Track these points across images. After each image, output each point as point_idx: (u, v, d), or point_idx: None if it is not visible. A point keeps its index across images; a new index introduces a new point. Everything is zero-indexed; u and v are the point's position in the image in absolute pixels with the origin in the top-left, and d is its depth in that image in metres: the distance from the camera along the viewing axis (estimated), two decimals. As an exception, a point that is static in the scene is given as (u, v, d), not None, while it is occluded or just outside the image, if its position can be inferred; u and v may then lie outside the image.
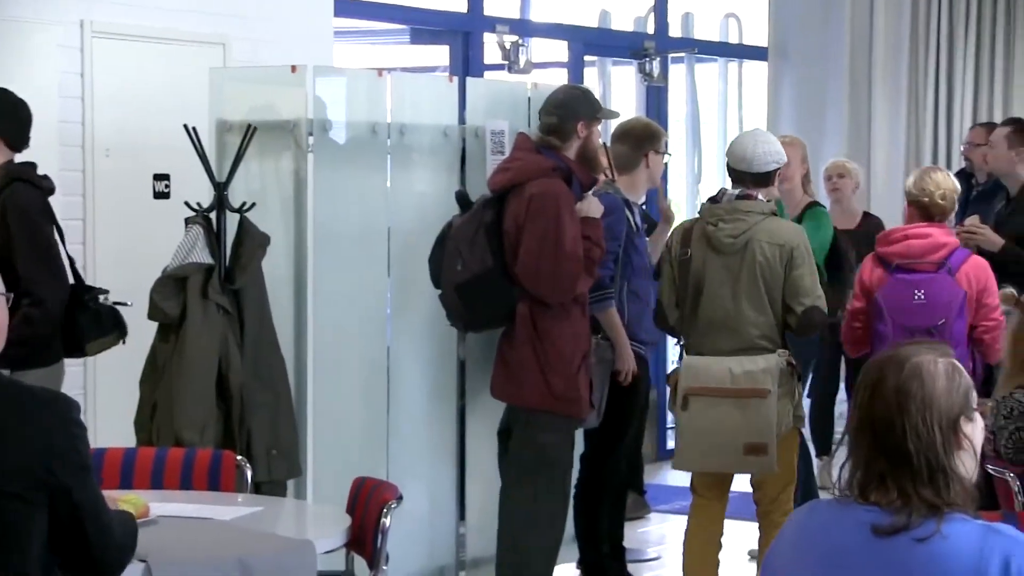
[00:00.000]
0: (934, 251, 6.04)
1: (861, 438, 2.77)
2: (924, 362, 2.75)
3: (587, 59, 10.29)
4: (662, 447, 10.58)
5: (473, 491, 6.68)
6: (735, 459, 5.80)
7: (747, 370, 5.76)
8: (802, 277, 5.81)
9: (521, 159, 6.04)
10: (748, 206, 5.88)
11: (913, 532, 2.68)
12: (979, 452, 2.80)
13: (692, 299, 5.94)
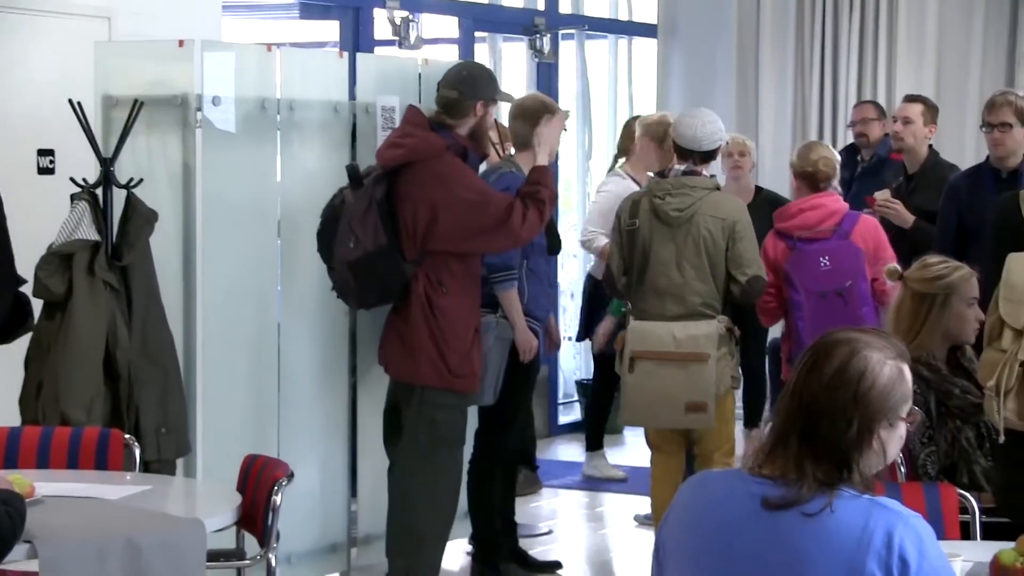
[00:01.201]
0: (828, 218, 6.72)
1: (788, 408, 2.80)
2: (875, 359, 2.76)
3: (478, 35, 10.28)
4: (554, 423, 10.63)
5: (365, 468, 6.67)
6: (677, 416, 6.24)
7: (690, 335, 6.22)
8: (745, 249, 6.29)
9: (414, 135, 6.03)
10: (694, 181, 6.35)
11: (803, 507, 2.71)
12: (890, 456, 2.81)
13: (639, 267, 6.36)
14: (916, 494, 4.34)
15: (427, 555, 6.16)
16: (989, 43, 10.03)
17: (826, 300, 6.58)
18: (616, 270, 6.50)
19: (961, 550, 3.60)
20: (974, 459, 4.99)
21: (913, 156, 7.89)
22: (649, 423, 6.53)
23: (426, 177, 5.91)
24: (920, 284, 5.10)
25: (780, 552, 2.73)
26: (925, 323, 5.06)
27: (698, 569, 2.83)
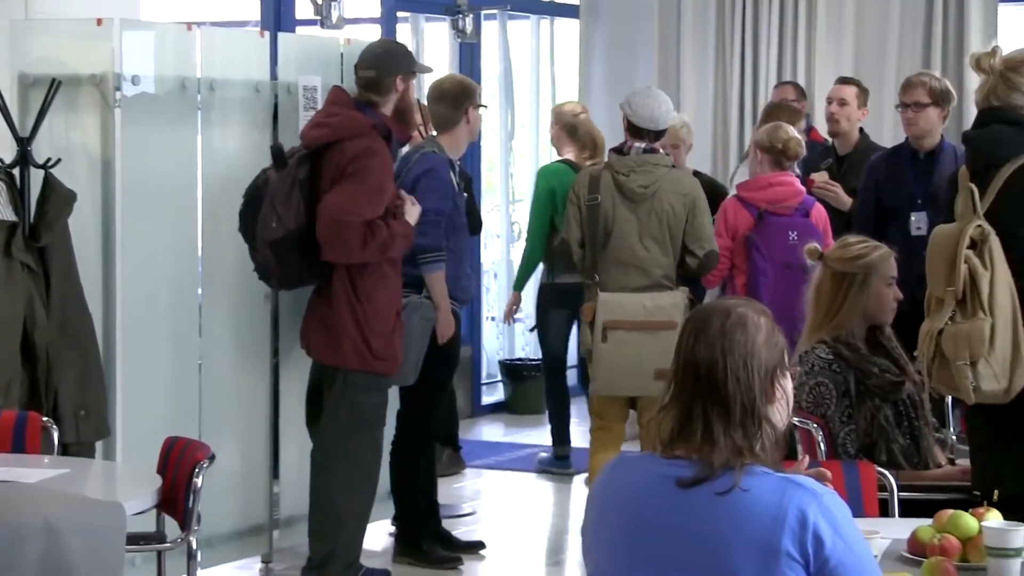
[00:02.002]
0: (794, 197, 7.13)
1: (684, 379, 2.83)
2: (749, 314, 2.83)
3: (400, 15, 10.25)
4: (477, 403, 10.64)
5: (287, 449, 6.65)
6: (646, 383, 6.36)
7: (658, 304, 6.46)
8: (703, 224, 6.58)
9: (339, 115, 6.01)
10: (655, 159, 6.60)
11: (714, 484, 2.73)
12: (790, 406, 2.87)
13: (601, 241, 6.55)
14: (836, 472, 4.36)
15: (348, 536, 6.15)
16: (906, 26, 10.10)
17: (790, 271, 6.85)
18: (574, 243, 6.66)
19: (880, 527, 3.63)
20: (893, 437, 5.04)
21: (845, 138, 7.96)
22: (622, 391, 6.67)
23: (347, 156, 5.89)
24: (839, 264, 5.14)
25: (696, 532, 2.75)
26: (844, 302, 5.10)
27: (617, 553, 2.84)
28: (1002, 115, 4.46)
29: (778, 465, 2.79)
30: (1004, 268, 4.33)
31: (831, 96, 8.05)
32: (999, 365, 4.33)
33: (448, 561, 6.83)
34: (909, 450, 5.08)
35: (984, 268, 4.32)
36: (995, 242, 4.34)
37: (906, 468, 4.99)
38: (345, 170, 5.87)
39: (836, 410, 5.03)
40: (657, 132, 6.65)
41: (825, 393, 5.03)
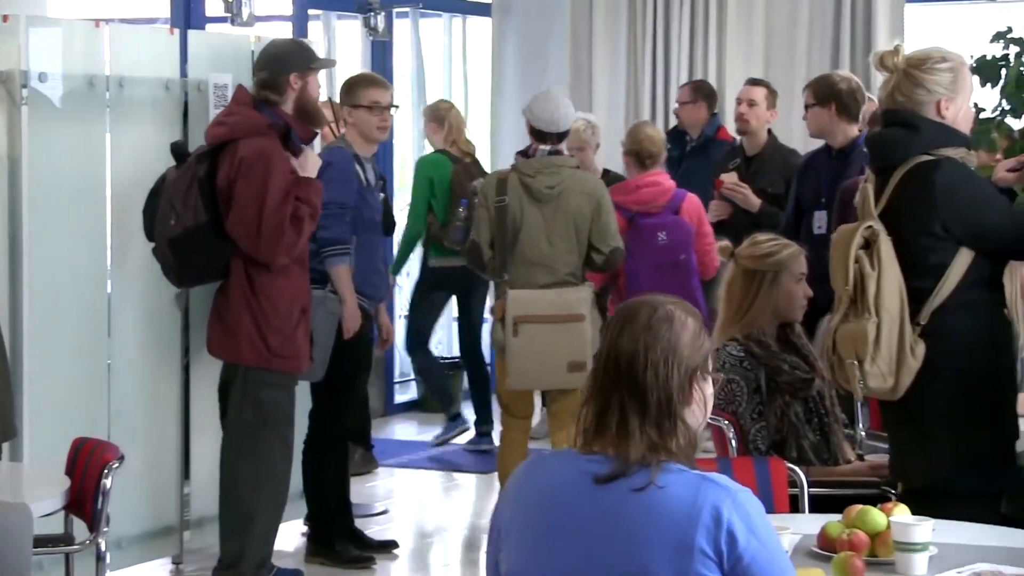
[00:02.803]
0: (663, 195, 7.39)
1: (605, 370, 2.83)
2: (677, 312, 2.84)
3: (311, 13, 10.20)
4: (389, 402, 10.62)
5: (198, 449, 6.60)
6: (560, 376, 6.62)
7: (565, 299, 6.63)
8: (608, 223, 6.73)
9: (237, 113, 6.01)
10: (560, 160, 6.76)
11: (630, 480, 2.74)
12: (708, 411, 2.88)
13: (510, 241, 6.68)
14: (747, 469, 4.42)
15: (259, 536, 6.12)
16: (815, 26, 10.19)
17: (663, 271, 7.23)
18: (484, 244, 6.75)
19: (790, 523, 3.66)
20: (803, 434, 5.08)
21: (754, 138, 8.02)
22: (535, 384, 6.91)
23: (237, 155, 5.88)
24: (750, 261, 5.18)
25: (612, 529, 2.75)
26: (755, 300, 5.14)
27: (533, 550, 2.84)
28: (898, 116, 4.52)
29: (692, 463, 2.80)
30: (893, 269, 4.39)
31: (740, 97, 8.12)
32: (885, 364, 4.39)
33: (361, 560, 6.82)
34: (819, 446, 5.12)
35: (871, 269, 4.39)
36: (885, 243, 4.40)
37: (816, 464, 5.03)
38: (239, 171, 5.85)
39: (747, 407, 5.07)
40: (559, 134, 6.77)
41: (736, 390, 5.07)
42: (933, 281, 4.41)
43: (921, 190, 4.41)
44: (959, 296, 4.41)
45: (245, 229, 5.85)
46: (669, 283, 7.04)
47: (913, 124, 4.47)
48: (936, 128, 4.46)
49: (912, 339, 4.39)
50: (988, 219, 4.41)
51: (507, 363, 6.70)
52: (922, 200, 4.40)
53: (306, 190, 5.97)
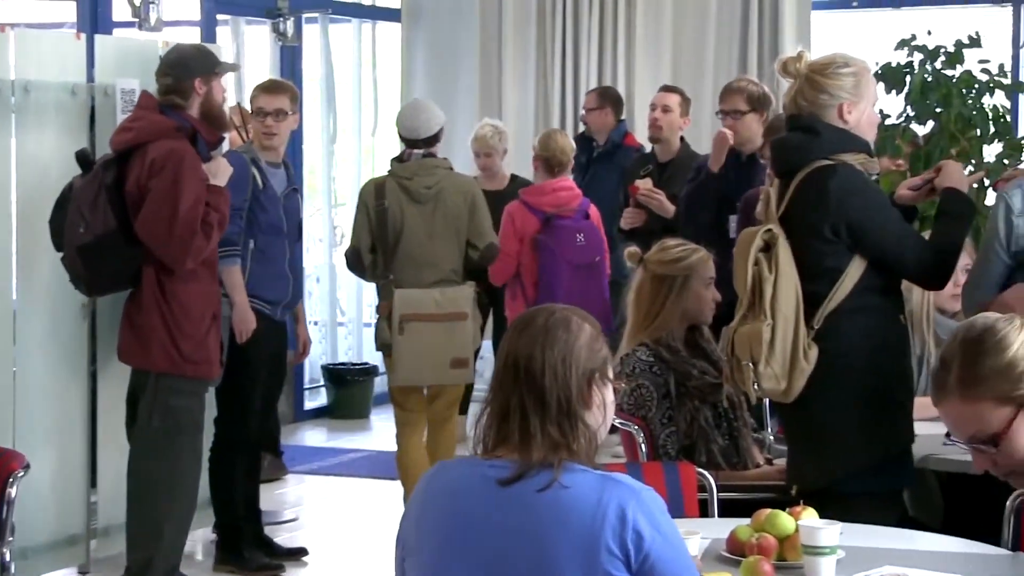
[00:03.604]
0: (575, 199, 7.63)
1: (504, 373, 2.84)
2: (573, 317, 2.87)
3: (220, 18, 10.14)
4: (299, 408, 10.57)
5: (105, 458, 6.54)
6: (444, 372, 6.87)
7: (449, 297, 6.84)
8: (483, 219, 6.93)
9: (143, 118, 5.97)
10: (434, 163, 6.98)
11: (534, 481, 2.75)
12: (609, 416, 2.89)
13: (393, 242, 6.85)
14: (656, 474, 4.43)
15: (167, 544, 6.07)
16: (722, 33, 10.28)
17: (579, 271, 7.49)
18: (364, 248, 6.90)
19: (699, 527, 3.68)
20: (712, 438, 5.11)
21: (667, 145, 8.04)
22: (420, 380, 7.02)
23: (147, 159, 5.84)
24: (659, 266, 5.21)
25: (518, 530, 2.76)
26: (664, 305, 5.17)
27: (441, 558, 2.84)
28: (800, 121, 4.58)
29: (594, 463, 2.81)
30: (790, 272, 4.45)
31: (655, 103, 8.13)
32: (779, 366, 4.44)
33: (269, 568, 6.78)
34: (728, 450, 5.16)
35: (768, 272, 4.45)
36: (783, 247, 4.47)
37: (725, 468, 5.07)
38: (150, 173, 5.81)
39: (657, 412, 5.10)
40: (426, 139, 6.98)
41: (646, 395, 5.10)
42: (828, 285, 4.47)
43: (816, 195, 4.48)
44: (853, 301, 4.48)
45: (156, 229, 5.80)
46: (585, 283, 7.46)
47: (814, 129, 4.53)
48: (836, 133, 4.53)
49: (806, 342, 4.45)
50: (876, 230, 4.47)
51: (394, 360, 6.89)
52: (817, 204, 4.47)
53: (215, 197, 5.94)
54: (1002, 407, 2.59)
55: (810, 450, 4.59)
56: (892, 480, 4.57)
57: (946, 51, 7.73)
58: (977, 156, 7.58)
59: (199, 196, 5.85)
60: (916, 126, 7.68)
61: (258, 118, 6.75)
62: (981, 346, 2.65)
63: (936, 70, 7.68)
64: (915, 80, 7.67)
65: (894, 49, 7.86)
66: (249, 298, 6.56)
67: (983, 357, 2.61)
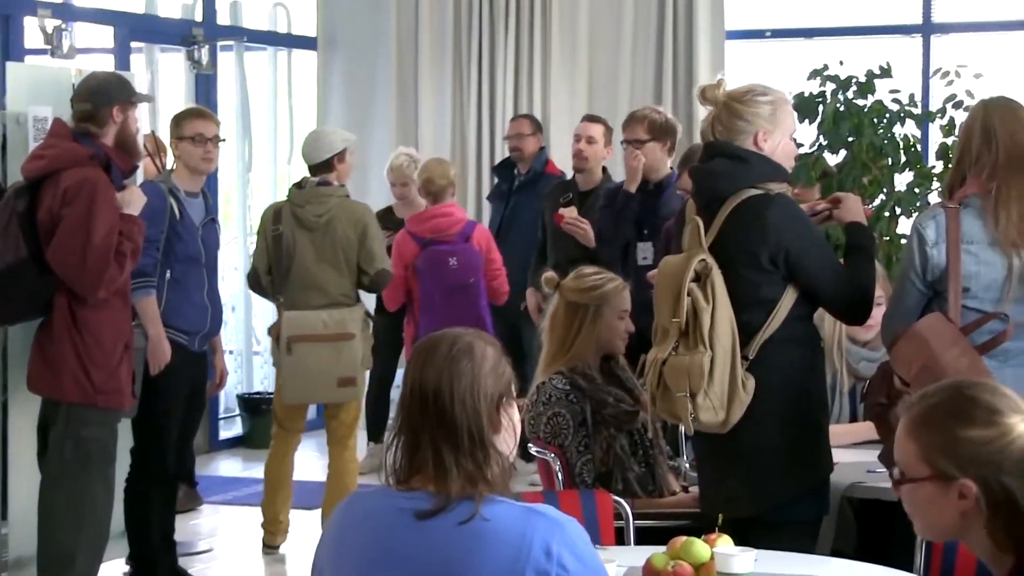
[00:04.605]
0: (455, 225, 8.03)
1: (411, 406, 2.81)
2: (476, 343, 2.84)
3: (134, 45, 10.08)
4: (214, 438, 10.49)
5: (16, 489, 6.46)
6: (331, 391, 7.17)
7: (336, 319, 7.11)
8: (373, 247, 7.19)
9: (56, 146, 5.92)
10: (327, 191, 7.23)
11: (453, 514, 2.73)
12: (516, 436, 2.88)
13: (285, 267, 7.15)
14: (573, 501, 4.44)
15: (80, 576, 6.00)
16: (638, 61, 10.34)
17: (453, 293, 7.92)
18: (261, 270, 7.23)
19: (616, 555, 3.69)
20: (628, 466, 5.12)
21: (589, 175, 8.06)
22: (307, 399, 7.42)
23: (60, 187, 5.79)
24: (574, 294, 5.22)
25: (439, 565, 2.73)
26: (579, 333, 5.18)
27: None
28: (724, 149, 4.58)
29: (509, 491, 2.79)
30: (725, 302, 4.44)
31: (579, 133, 8.13)
32: (717, 398, 4.43)
33: (185, 599, 6.73)
34: (644, 478, 5.17)
35: (706, 302, 4.42)
36: (717, 276, 4.45)
37: (641, 496, 5.08)
38: (63, 201, 5.76)
39: (573, 440, 5.10)
40: (321, 165, 7.26)
41: (562, 423, 5.10)
42: (764, 314, 4.47)
43: (752, 224, 4.47)
44: (786, 330, 4.49)
45: (69, 258, 5.75)
46: (460, 304, 7.92)
47: (740, 156, 4.53)
48: (764, 161, 4.54)
49: (743, 373, 4.45)
50: (812, 261, 4.49)
51: (282, 379, 7.25)
52: (753, 234, 4.46)
53: (129, 226, 5.90)
54: (922, 465, 2.58)
55: (742, 478, 4.58)
56: (814, 508, 4.59)
57: (858, 81, 7.81)
58: (888, 185, 7.66)
59: (113, 225, 5.80)
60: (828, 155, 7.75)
61: (197, 143, 6.72)
62: (963, 404, 2.58)
63: (848, 100, 7.75)
64: (827, 110, 7.74)
65: (807, 79, 7.93)
66: (165, 329, 6.51)
67: (952, 415, 2.56)
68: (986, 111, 4.57)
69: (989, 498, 2.53)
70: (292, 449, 7.44)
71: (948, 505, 2.56)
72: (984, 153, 4.50)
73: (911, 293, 4.54)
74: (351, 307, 7.20)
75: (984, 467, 2.52)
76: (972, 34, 10.22)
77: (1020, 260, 4.45)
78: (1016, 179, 4.45)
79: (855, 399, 5.64)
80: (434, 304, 7.95)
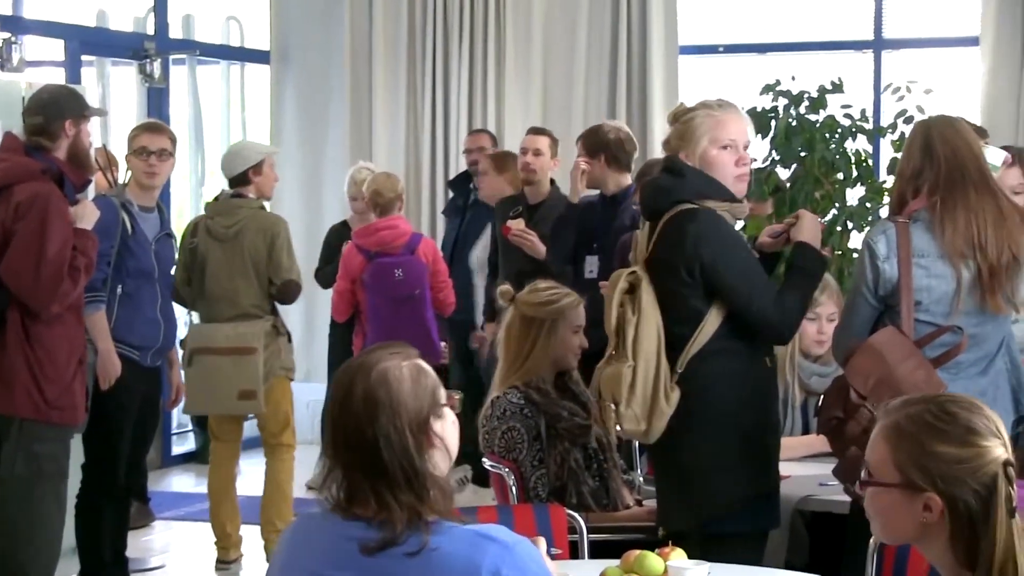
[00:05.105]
0: (401, 237, 8.07)
1: (336, 446, 2.78)
2: (390, 368, 2.78)
3: (85, 59, 10.03)
4: (167, 454, 10.44)
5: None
6: (232, 403, 7.14)
7: (240, 332, 7.11)
8: (281, 258, 7.18)
9: (8, 160, 5.88)
10: (239, 203, 7.23)
11: (402, 547, 2.70)
12: (454, 448, 2.86)
13: (199, 278, 7.20)
14: (527, 516, 4.44)
15: (31, 594, 5.96)
16: (592, 75, 10.37)
17: (399, 303, 7.99)
18: (180, 282, 7.22)
19: (570, 569, 3.69)
20: (582, 480, 5.13)
21: (538, 188, 8.09)
22: (207, 410, 7.45)
23: (12, 201, 5.75)
24: (529, 308, 5.23)
25: None
26: (534, 347, 5.19)
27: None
28: (667, 163, 4.68)
29: (452, 511, 2.77)
30: (652, 314, 4.50)
31: (526, 146, 8.17)
32: (639, 407, 4.48)
33: (137, 616, 6.69)
34: (598, 492, 5.18)
35: (631, 314, 4.50)
36: (646, 289, 4.52)
37: (595, 510, 5.09)
38: (16, 216, 5.73)
39: (528, 454, 5.10)
40: (231, 179, 7.28)
41: (517, 438, 5.10)
42: (692, 327, 4.51)
43: (674, 237, 4.53)
44: (716, 343, 4.52)
45: (22, 273, 5.71)
46: (406, 315, 8.00)
47: (678, 171, 4.60)
48: (700, 177, 4.59)
49: (667, 385, 4.49)
50: (727, 275, 4.52)
51: (185, 391, 7.19)
52: (675, 248, 4.52)
53: (82, 240, 5.87)
54: (892, 471, 2.60)
55: (677, 491, 4.63)
56: (757, 521, 4.61)
57: (810, 96, 7.85)
58: (840, 199, 7.69)
59: (66, 240, 5.77)
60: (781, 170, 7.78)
61: (141, 157, 6.71)
62: (940, 418, 2.60)
63: (800, 115, 7.78)
64: (780, 125, 7.77)
65: (759, 94, 7.97)
66: (116, 344, 6.48)
67: (928, 429, 2.59)
68: (926, 128, 4.63)
69: (954, 515, 2.56)
70: (231, 461, 7.44)
71: (911, 514, 2.59)
72: (927, 168, 4.54)
73: (863, 308, 4.57)
74: (260, 319, 7.15)
75: (953, 484, 2.56)
76: (922, 50, 10.30)
77: (968, 271, 4.48)
78: (959, 192, 4.49)
79: (807, 413, 5.66)
80: (381, 315, 8.03)
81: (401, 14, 10.62)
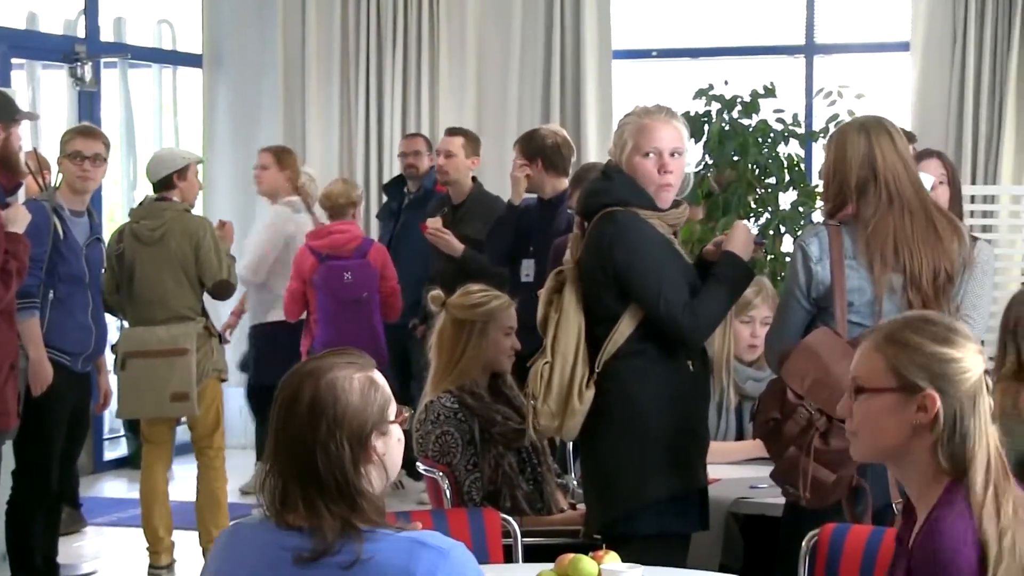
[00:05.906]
0: (352, 242, 8.26)
1: (276, 454, 2.76)
2: (340, 378, 2.76)
3: (15, 62, 9.94)
4: (99, 459, 10.36)
5: None
6: (165, 405, 7.09)
7: (172, 335, 7.07)
8: (209, 260, 7.13)
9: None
10: (164, 206, 7.17)
11: (336, 558, 2.67)
12: (394, 466, 2.84)
13: (127, 283, 7.12)
14: (461, 520, 4.44)
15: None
16: (526, 80, 10.38)
17: (347, 306, 8.14)
18: (108, 289, 7.13)
19: (504, 573, 3.69)
20: (516, 484, 5.13)
21: (458, 188, 8.11)
22: (140, 413, 7.33)
23: None
24: (460, 311, 5.23)
25: None
26: (466, 350, 5.20)
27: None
28: (605, 167, 4.75)
29: (384, 519, 2.74)
30: (574, 315, 4.58)
31: (439, 148, 8.28)
32: (554, 404, 4.57)
33: (68, 623, 6.64)
34: (532, 496, 5.18)
35: (554, 312, 4.60)
36: (569, 289, 4.61)
37: (529, 514, 5.09)
38: None
39: (462, 459, 5.10)
40: (155, 184, 7.21)
41: (451, 442, 5.10)
42: (609, 328, 4.57)
43: (596, 239, 4.60)
44: (633, 345, 4.57)
45: None
46: (354, 317, 8.14)
47: (609, 176, 4.68)
48: (623, 182, 4.63)
49: (583, 384, 4.55)
50: (636, 278, 4.55)
51: (117, 395, 7.14)
52: (593, 249, 4.60)
53: (14, 244, 5.82)
54: (888, 375, 2.76)
55: (594, 491, 4.68)
56: (678, 522, 4.63)
57: (742, 101, 7.89)
58: (773, 204, 7.74)
59: None
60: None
61: (75, 161, 6.65)
62: (926, 325, 2.81)
63: (733, 119, 7.83)
64: (713, 129, 7.81)
65: (692, 98, 8.01)
66: (48, 349, 6.43)
67: (918, 333, 2.78)
68: (868, 140, 4.51)
69: (946, 414, 2.73)
70: (162, 464, 7.34)
71: (904, 418, 2.76)
72: (870, 186, 4.46)
73: (795, 310, 4.58)
74: (192, 321, 7.09)
75: (947, 383, 2.75)
76: (854, 55, 10.37)
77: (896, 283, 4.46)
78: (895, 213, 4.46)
79: (742, 417, 5.69)
80: (330, 317, 8.15)
81: (334, 17, 10.60)
